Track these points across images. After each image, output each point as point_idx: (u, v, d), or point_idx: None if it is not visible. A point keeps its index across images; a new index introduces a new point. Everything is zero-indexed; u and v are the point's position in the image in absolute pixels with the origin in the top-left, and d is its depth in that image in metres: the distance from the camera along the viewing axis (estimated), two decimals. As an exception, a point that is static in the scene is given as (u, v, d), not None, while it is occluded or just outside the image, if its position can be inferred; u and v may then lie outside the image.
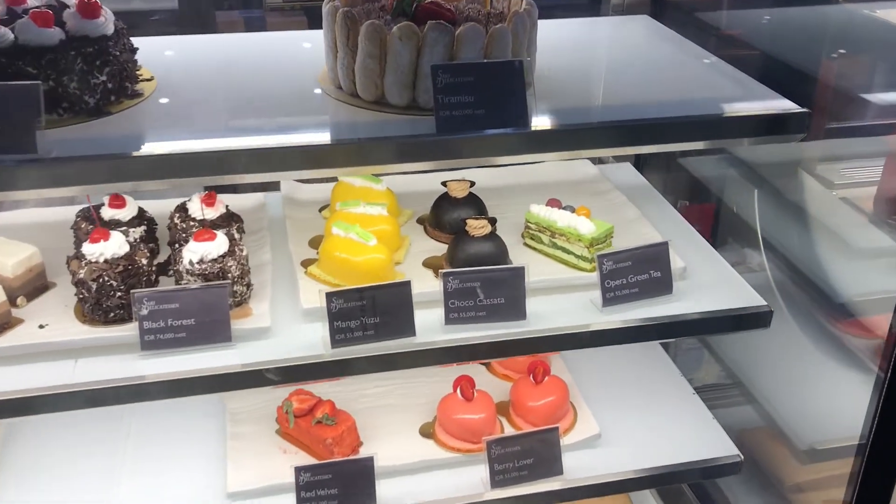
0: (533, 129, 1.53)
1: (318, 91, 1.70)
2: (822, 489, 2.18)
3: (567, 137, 1.57)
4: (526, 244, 2.00)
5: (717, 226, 2.45)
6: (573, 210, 1.93)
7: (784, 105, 1.69)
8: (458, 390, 2.01)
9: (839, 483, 1.90)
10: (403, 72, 1.58)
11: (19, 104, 1.40)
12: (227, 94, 1.69)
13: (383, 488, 1.87)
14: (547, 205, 1.97)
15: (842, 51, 2.03)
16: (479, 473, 1.92)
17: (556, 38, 1.96)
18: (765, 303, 1.84)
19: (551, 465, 1.92)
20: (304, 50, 1.93)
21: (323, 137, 1.53)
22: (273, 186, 2.22)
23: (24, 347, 1.64)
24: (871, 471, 1.79)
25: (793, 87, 1.80)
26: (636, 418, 2.12)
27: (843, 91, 2.17)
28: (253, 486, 1.88)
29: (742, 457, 2.02)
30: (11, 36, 1.53)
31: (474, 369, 2.23)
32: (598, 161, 2.49)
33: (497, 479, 1.89)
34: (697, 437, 2.06)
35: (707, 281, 1.92)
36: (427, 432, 2.05)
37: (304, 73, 1.78)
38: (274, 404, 2.07)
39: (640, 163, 2.52)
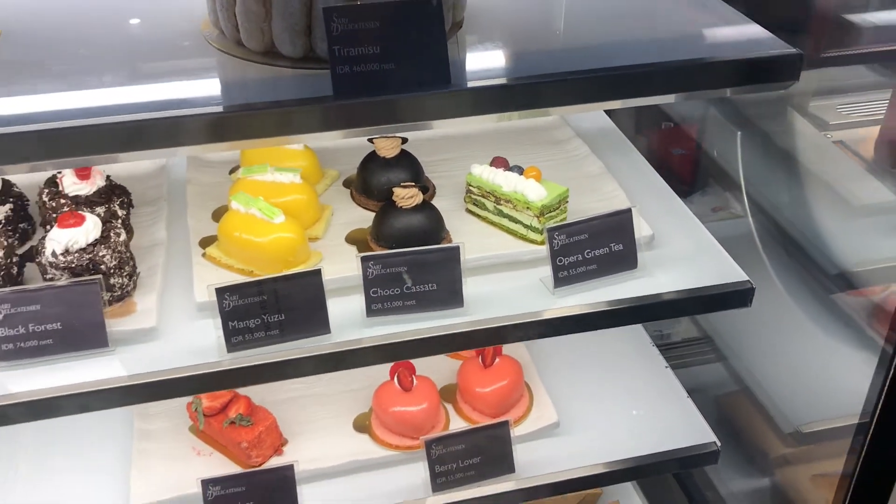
0: (455, 87, 1.22)
1: (199, 40, 1.38)
2: (812, 467, 1.96)
3: (501, 95, 1.26)
4: (468, 210, 1.70)
5: (697, 175, 2.16)
6: (521, 171, 1.63)
7: (769, 44, 1.38)
8: (396, 379, 1.75)
9: (832, 463, 1.68)
10: (294, 15, 1.26)
11: None
12: (79, 44, 1.37)
13: (310, 493, 1.64)
14: (491, 164, 1.67)
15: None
16: (421, 473, 1.68)
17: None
18: (745, 277, 1.56)
19: (501, 462, 1.68)
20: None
21: (192, 102, 1.22)
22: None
23: None
24: (874, 452, 1.56)
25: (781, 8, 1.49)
26: (600, 402, 1.87)
27: (840, 10, 1.86)
28: (160, 496, 1.64)
29: (719, 444, 1.78)
30: None
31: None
32: (560, 101, 2.17)
33: (439, 482, 1.65)
34: (670, 423, 1.82)
35: (679, 250, 1.64)
36: (362, 425, 1.80)
37: (185, 17, 1.45)
38: (179, 407, 1.81)
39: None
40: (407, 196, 1.54)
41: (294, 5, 1.25)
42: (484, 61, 1.35)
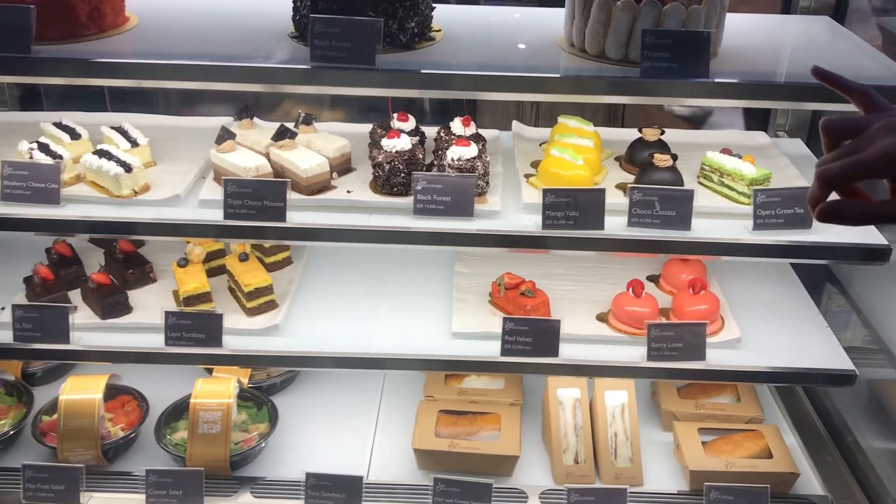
0: (712, 80, 2.12)
1: (558, 49, 2.38)
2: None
3: (734, 88, 2.14)
4: (699, 182, 2.56)
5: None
6: (740, 157, 2.48)
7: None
8: (630, 289, 2.61)
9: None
10: (621, 34, 2.21)
11: (365, 32, 2.17)
12: (498, 43, 2.41)
13: (564, 348, 2.51)
14: (720, 153, 2.53)
15: None
16: (639, 351, 2.51)
17: (741, 26, 2.51)
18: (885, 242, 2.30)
19: (697, 351, 2.47)
20: (542, 22, 2.59)
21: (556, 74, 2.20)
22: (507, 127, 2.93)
23: (336, 202, 2.43)
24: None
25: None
26: (769, 330, 2.62)
27: None
28: (471, 329, 2.58)
29: (857, 371, 2.46)
30: (360, -9, 2.31)
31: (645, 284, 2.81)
32: (773, 135, 2.99)
33: (652, 355, 2.47)
34: (819, 351, 2.53)
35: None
36: (602, 318, 2.66)
37: (545, 37, 2.45)
38: (488, 281, 2.77)
39: (812, 140, 2.98)
40: (663, 159, 2.43)
41: (622, 27, 2.20)
42: (727, 72, 2.22)
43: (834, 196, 1.23)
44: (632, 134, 2.71)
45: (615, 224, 2.35)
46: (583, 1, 2.25)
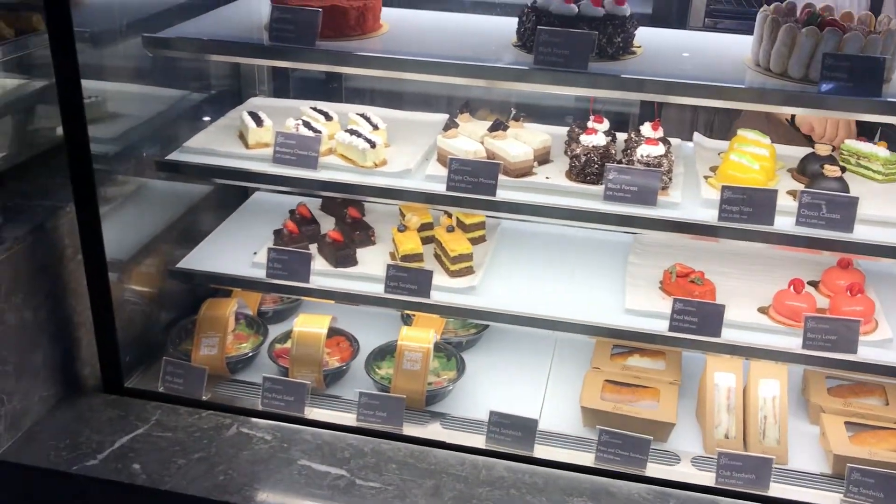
0: (884, 98, 2.43)
1: (745, 67, 2.74)
2: None
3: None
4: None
5: None
6: (875, 142, 2.85)
7: None
8: (791, 286, 2.90)
9: None
10: (804, 56, 2.55)
11: (581, 43, 2.61)
12: (690, 59, 2.81)
13: (725, 332, 2.83)
14: (857, 138, 2.94)
15: None
16: (795, 342, 2.80)
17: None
18: None
19: (849, 345, 2.73)
20: (732, 45, 2.96)
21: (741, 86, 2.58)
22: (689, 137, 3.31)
23: (537, 184, 2.89)
24: None
25: None
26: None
27: None
28: (643, 308, 2.96)
29: None
30: (576, 9, 2.77)
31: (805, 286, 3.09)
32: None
33: (807, 344, 2.75)
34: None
35: None
36: (762, 311, 2.96)
37: (734, 57, 2.82)
38: (659, 271, 3.13)
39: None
40: (833, 170, 2.74)
41: (805, 51, 2.54)
42: (900, 96, 2.51)
43: None
44: (798, 151, 3.04)
45: (783, 223, 2.67)
46: (770, 27, 2.61)
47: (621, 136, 3.17)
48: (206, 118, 3.46)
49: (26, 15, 3.29)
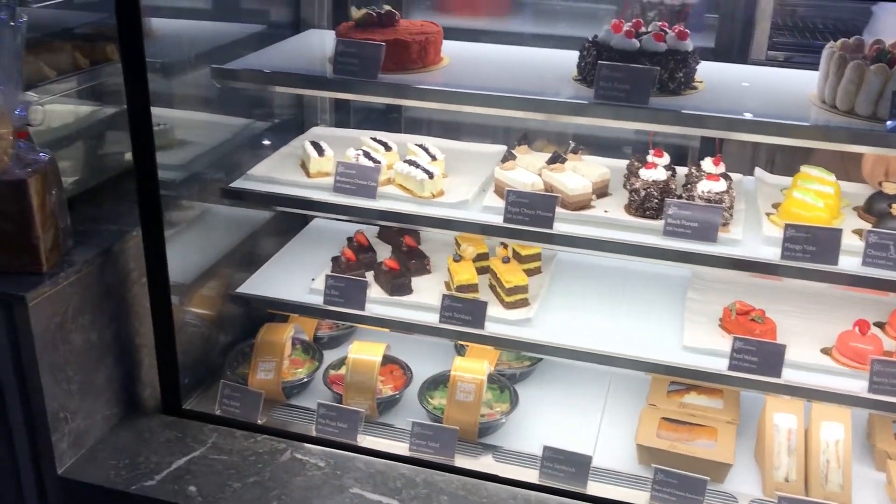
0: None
1: (809, 103, 2.70)
2: None
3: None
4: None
5: None
6: None
7: None
8: (857, 327, 2.82)
9: None
10: (872, 93, 2.50)
11: (642, 78, 2.61)
12: (754, 95, 2.77)
13: (786, 372, 2.77)
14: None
15: None
16: (859, 384, 2.72)
17: None
18: None
19: (911, 385, 2.65)
20: (797, 82, 2.92)
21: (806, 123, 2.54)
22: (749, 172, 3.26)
23: (595, 218, 2.88)
24: None
25: None
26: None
27: None
28: (701, 345, 2.91)
29: None
30: (638, 44, 2.77)
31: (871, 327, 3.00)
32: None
33: (873, 387, 2.67)
34: None
35: None
36: (825, 352, 2.89)
37: (799, 93, 2.78)
38: (719, 308, 3.08)
39: None
40: (901, 210, 2.67)
41: (874, 88, 2.49)
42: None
43: None
44: (864, 189, 2.97)
45: (849, 263, 2.61)
46: (837, 63, 2.57)
47: (681, 171, 3.15)
48: (269, 145, 3.54)
49: (101, 45, 3.41)
